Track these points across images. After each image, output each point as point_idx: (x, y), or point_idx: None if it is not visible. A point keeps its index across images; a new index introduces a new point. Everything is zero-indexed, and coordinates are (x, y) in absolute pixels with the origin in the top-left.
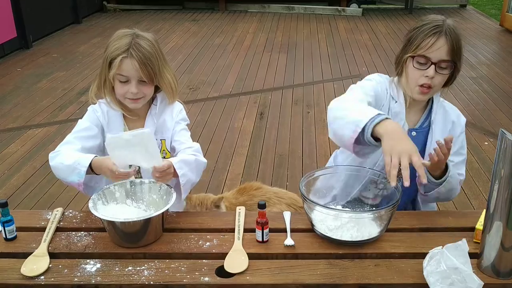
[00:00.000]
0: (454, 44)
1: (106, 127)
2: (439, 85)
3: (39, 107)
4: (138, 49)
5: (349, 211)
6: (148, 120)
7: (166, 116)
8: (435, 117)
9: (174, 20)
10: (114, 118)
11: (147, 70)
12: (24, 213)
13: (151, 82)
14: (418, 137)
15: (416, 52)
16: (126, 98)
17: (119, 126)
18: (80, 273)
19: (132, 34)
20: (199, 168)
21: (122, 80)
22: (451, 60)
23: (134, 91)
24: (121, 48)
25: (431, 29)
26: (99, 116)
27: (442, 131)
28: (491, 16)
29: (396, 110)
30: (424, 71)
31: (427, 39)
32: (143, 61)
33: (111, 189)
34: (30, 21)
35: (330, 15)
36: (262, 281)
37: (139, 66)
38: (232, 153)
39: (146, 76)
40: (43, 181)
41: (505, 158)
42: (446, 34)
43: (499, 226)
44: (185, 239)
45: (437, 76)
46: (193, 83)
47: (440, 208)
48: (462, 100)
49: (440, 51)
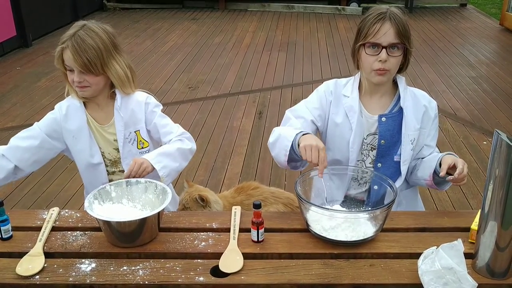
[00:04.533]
0: (399, 26)
1: (63, 120)
2: (395, 68)
3: (38, 106)
4: (76, 40)
5: (344, 211)
6: (116, 115)
7: (133, 106)
8: (404, 102)
9: (174, 19)
10: (74, 110)
11: (82, 60)
12: (20, 213)
13: (89, 72)
14: (388, 122)
15: (366, 39)
16: (76, 87)
17: (81, 116)
18: (75, 273)
19: (82, 25)
20: (184, 155)
21: (68, 69)
22: (400, 42)
23: (77, 80)
24: (63, 39)
25: (375, 16)
26: (54, 117)
27: (415, 115)
28: (491, 15)
29: (349, 105)
30: (376, 56)
31: (373, 26)
32: (77, 51)
33: (107, 189)
34: (29, 19)
35: (330, 14)
36: (257, 281)
37: (72, 56)
38: (230, 152)
39: (81, 67)
40: (41, 180)
41: (499, 158)
42: (390, 19)
43: (493, 226)
44: (180, 238)
45: (390, 59)
46: (192, 82)
47: (438, 208)
48: (461, 100)
49: (387, 35)
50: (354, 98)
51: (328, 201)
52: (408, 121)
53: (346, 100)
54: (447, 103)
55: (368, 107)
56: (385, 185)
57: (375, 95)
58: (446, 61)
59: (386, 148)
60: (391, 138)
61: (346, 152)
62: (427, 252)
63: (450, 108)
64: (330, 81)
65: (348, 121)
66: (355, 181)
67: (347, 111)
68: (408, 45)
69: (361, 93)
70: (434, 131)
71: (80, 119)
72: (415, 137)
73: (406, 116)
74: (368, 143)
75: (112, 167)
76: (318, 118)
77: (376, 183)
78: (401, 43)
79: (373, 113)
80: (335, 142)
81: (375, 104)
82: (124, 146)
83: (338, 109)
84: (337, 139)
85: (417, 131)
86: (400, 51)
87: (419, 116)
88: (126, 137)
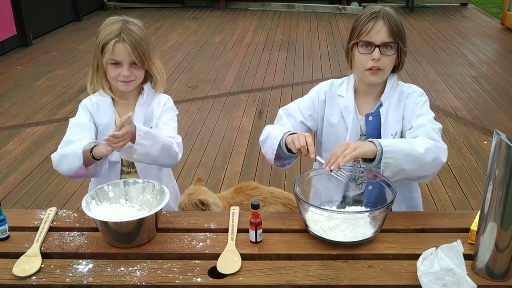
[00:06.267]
0: (392, 25)
1: (95, 115)
2: (389, 67)
3: (38, 105)
4: (129, 33)
5: (342, 212)
6: (138, 110)
7: (154, 104)
8: (384, 100)
9: (174, 18)
10: (104, 106)
11: (138, 53)
12: (17, 213)
13: (142, 65)
14: (374, 121)
15: (359, 38)
16: (118, 81)
17: (110, 113)
18: (72, 274)
19: (122, 20)
20: (166, 153)
21: (114, 63)
22: (393, 41)
23: (127, 74)
24: (113, 33)
25: (368, 15)
26: (88, 108)
27: (396, 108)
28: (492, 14)
29: (344, 105)
30: (369, 55)
31: (366, 25)
32: (134, 44)
33: (105, 189)
34: (30, 18)
35: (331, 13)
36: (255, 282)
37: (130, 49)
38: (230, 151)
39: (137, 59)
40: (40, 180)
41: (499, 159)
42: (383, 18)
43: (493, 227)
44: (178, 239)
45: (383, 58)
46: (193, 81)
47: (438, 208)
48: (461, 99)
49: (380, 33)
50: (349, 98)
51: (327, 202)
52: (389, 114)
53: (341, 100)
54: (448, 103)
55: (359, 107)
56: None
57: (369, 96)
58: (447, 61)
59: None
60: (377, 136)
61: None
62: (426, 253)
63: (450, 108)
64: (327, 81)
65: (343, 121)
66: (352, 181)
67: (342, 111)
68: (402, 44)
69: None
70: (418, 109)
71: (109, 116)
72: (396, 131)
73: (385, 110)
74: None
75: (128, 167)
76: (308, 118)
77: (370, 183)
78: (394, 42)
79: (362, 114)
80: (331, 143)
81: (366, 105)
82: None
83: (333, 109)
84: (333, 139)
85: (399, 123)
86: (393, 50)
87: (400, 108)
88: None
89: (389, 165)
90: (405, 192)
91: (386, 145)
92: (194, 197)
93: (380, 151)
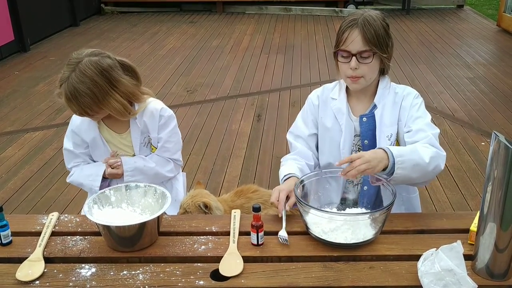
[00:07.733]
0: (367, 34)
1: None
2: (370, 74)
3: (36, 110)
4: (69, 88)
5: (343, 214)
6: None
7: (148, 116)
8: (380, 100)
9: (172, 22)
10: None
11: (79, 105)
12: (20, 218)
13: (93, 113)
14: (369, 122)
15: (338, 47)
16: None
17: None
18: (75, 278)
19: (74, 68)
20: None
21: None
22: (369, 49)
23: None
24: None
25: (347, 24)
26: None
27: (391, 110)
28: (488, 16)
29: (337, 107)
30: (348, 64)
31: (343, 34)
32: (71, 100)
33: (107, 193)
34: (27, 24)
35: (328, 16)
36: (257, 285)
37: (67, 104)
38: (229, 155)
39: (80, 112)
40: (40, 185)
41: (498, 160)
42: (358, 26)
43: (492, 228)
44: (180, 242)
45: (362, 66)
46: (191, 85)
47: (437, 209)
48: (459, 101)
49: (355, 43)
50: (342, 100)
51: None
52: (383, 116)
53: (334, 103)
54: (445, 104)
55: (353, 109)
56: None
57: (362, 97)
58: (444, 62)
59: (370, 147)
60: (372, 137)
61: (337, 154)
62: (426, 254)
63: (448, 109)
64: (320, 87)
65: (337, 123)
66: (350, 183)
67: (336, 113)
68: (380, 51)
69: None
70: (415, 112)
71: (93, 132)
72: (392, 133)
73: (379, 112)
74: (355, 144)
75: None
76: (313, 126)
77: (366, 184)
78: (370, 51)
79: (356, 115)
80: (326, 145)
81: (360, 106)
82: (140, 152)
83: (327, 112)
84: (328, 142)
85: (395, 125)
86: (371, 58)
87: (395, 110)
88: (141, 142)
89: (399, 175)
90: (403, 193)
91: (398, 155)
92: (197, 199)
93: (392, 162)
